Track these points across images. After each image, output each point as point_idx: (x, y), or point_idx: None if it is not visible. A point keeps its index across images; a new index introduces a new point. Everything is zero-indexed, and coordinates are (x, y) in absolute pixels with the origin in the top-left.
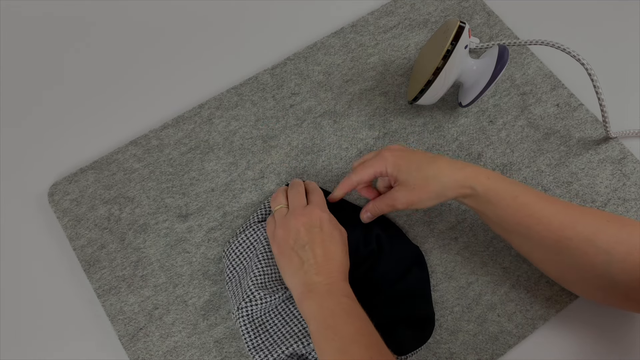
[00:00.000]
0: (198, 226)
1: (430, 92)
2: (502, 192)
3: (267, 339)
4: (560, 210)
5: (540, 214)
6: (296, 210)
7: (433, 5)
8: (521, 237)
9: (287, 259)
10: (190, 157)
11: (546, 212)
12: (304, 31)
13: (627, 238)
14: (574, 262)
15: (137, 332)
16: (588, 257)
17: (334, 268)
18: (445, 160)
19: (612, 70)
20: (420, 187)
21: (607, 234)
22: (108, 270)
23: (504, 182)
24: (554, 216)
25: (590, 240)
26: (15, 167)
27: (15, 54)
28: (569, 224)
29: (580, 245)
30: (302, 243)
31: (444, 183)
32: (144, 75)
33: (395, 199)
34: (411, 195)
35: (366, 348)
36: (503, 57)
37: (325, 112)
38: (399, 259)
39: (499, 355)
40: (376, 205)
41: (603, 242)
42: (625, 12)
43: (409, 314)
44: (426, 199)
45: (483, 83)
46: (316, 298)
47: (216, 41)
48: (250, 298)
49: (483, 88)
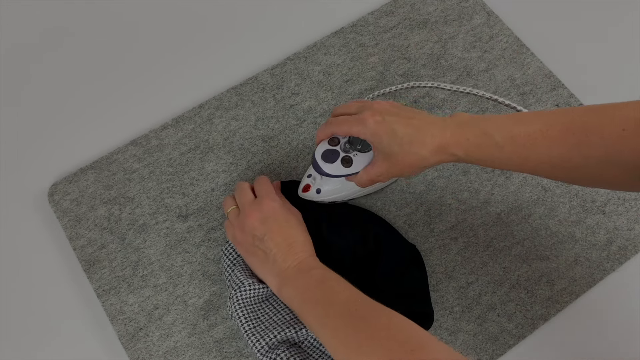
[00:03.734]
0: (198, 226)
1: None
2: (485, 149)
3: (258, 324)
4: (552, 139)
5: (537, 154)
6: (246, 207)
7: (433, 5)
8: (532, 171)
9: (252, 256)
10: (190, 157)
11: (541, 149)
12: (304, 31)
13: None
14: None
15: (137, 332)
16: (615, 144)
17: (299, 249)
18: (426, 125)
19: (612, 70)
20: (400, 160)
21: (608, 116)
22: (108, 270)
23: (485, 136)
24: (552, 146)
25: (600, 128)
26: (15, 167)
27: (15, 54)
28: (575, 132)
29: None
30: (260, 237)
31: (423, 155)
32: (144, 75)
33: (376, 174)
34: (391, 168)
35: (345, 304)
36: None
37: (325, 112)
38: (397, 258)
39: (499, 355)
40: (360, 181)
41: (614, 123)
42: (625, 12)
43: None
44: (407, 172)
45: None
46: (290, 282)
47: (216, 41)
48: (239, 285)
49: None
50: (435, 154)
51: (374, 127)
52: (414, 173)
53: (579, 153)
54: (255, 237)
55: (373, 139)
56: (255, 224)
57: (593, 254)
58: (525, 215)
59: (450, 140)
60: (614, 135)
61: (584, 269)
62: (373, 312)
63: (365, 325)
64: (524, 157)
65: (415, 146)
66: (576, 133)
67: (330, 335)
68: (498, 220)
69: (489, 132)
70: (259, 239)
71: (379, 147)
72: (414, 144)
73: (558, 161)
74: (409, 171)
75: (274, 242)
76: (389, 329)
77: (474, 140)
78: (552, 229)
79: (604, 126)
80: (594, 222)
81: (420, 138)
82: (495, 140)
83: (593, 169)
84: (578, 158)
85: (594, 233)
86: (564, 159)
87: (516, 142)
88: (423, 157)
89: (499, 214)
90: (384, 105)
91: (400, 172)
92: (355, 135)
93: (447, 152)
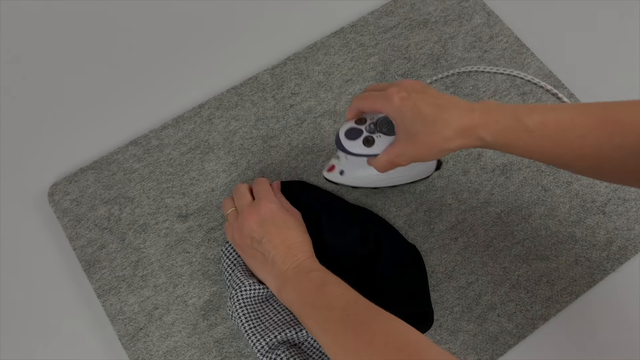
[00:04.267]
0: (198, 226)
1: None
2: (515, 133)
3: (258, 324)
4: (585, 127)
5: (568, 141)
6: (244, 209)
7: (433, 5)
8: (565, 164)
9: (251, 258)
10: (190, 157)
11: (574, 136)
12: (304, 31)
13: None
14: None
15: (137, 332)
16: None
17: (297, 250)
18: (453, 105)
19: (612, 70)
20: (421, 140)
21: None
22: (108, 270)
23: (515, 120)
24: (585, 134)
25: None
26: (15, 167)
27: (15, 54)
28: (603, 122)
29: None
30: (258, 239)
31: (446, 136)
32: (144, 75)
33: (396, 154)
34: (412, 149)
35: (343, 308)
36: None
37: (325, 112)
38: (397, 258)
39: (499, 355)
40: (379, 162)
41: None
42: (625, 12)
43: (407, 312)
44: (428, 153)
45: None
46: (289, 285)
47: (216, 41)
48: (240, 285)
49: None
50: (460, 135)
51: (399, 103)
52: (434, 156)
53: (611, 143)
54: (253, 239)
55: (396, 116)
56: (253, 227)
57: (593, 254)
58: (525, 215)
59: (479, 122)
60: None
61: (584, 269)
62: (372, 317)
63: (364, 329)
64: (555, 144)
65: (439, 125)
66: (610, 123)
67: (329, 340)
68: (498, 220)
69: (520, 116)
70: (257, 241)
71: (402, 124)
72: (438, 123)
73: (590, 150)
74: (429, 153)
75: (272, 245)
76: (387, 334)
77: (504, 123)
78: (552, 229)
79: (638, 118)
80: (594, 222)
81: (445, 117)
82: (526, 124)
83: (625, 160)
84: (610, 148)
85: (594, 233)
86: (596, 149)
87: (548, 128)
88: (446, 138)
89: (499, 214)
90: (411, 82)
91: (421, 154)
92: (379, 110)
93: (474, 134)
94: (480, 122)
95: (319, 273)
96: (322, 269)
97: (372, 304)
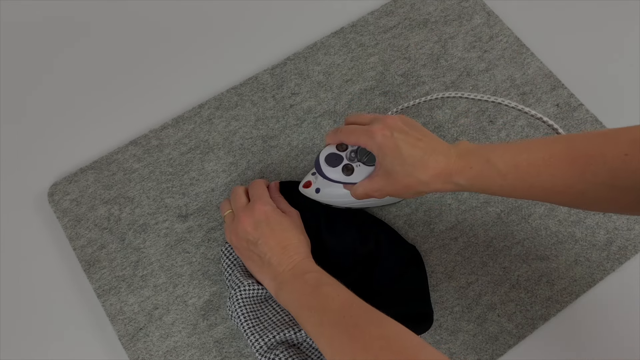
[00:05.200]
0: (198, 226)
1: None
2: (489, 177)
3: (257, 324)
4: (556, 167)
5: (541, 182)
6: (239, 212)
7: (433, 5)
8: (541, 199)
9: (248, 260)
10: (190, 157)
11: (545, 177)
12: (304, 31)
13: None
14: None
15: (137, 332)
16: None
17: (293, 251)
18: (432, 150)
19: (612, 70)
20: (399, 180)
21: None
22: (108, 270)
23: (488, 164)
24: (556, 174)
25: (605, 151)
26: (15, 167)
27: (15, 54)
28: (577, 158)
29: (606, 164)
30: (254, 241)
31: (423, 180)
32: (144, 75)
33: (373, 188)
34: (388, 185)
35: (339, 311)
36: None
37: (325, 112)
38: (397, 259)
39: (499, 355)
40: (356, 191)
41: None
42: (625, 12)
43: (407, 313)
44: (403, 193)
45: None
46: (286, 287)
47: (216, 41)
48: (239, 285)
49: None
50: (437, 180)
51: (381, 141)
52: (410, 196)
53: (583, 179)
54: (249, 241)
55: (378, 153)
56: (248, 229)
57: (593, 254)
58: (525, 215)
59: (454, 168)
60: (617, 160)
61: (584, 269)
62: (367, 320)
63: (360, 333)
64: (529, 185)
65: (417, 169)
66: (579, 160)
67: (326, 344)
68: (498, 220)
69: (492, 160)
70: (253, 243)
71: (383, 162)
72: (416, 167)
73: (562, 188)
74: (405, 192)
75: (267, 247)
76: (382, 338)
77: (477, 169)
78: (552, 229)
79: (607, 152)
80: (594, 222)
81: (423, 162)
82: (499, 168)
83: (598, 193)
84: (582, 184)
85: (594, 233)
86: (567, 185)
87: (519, 170)
88: (422, 182)
89: (499, 214)
90: (395, 120)
91: (397, 192)
92: (362, 146)
93: (450, 180)
94: (455, 168)
95: (314, 274)
96: (318, 270)
97: (368, 305)
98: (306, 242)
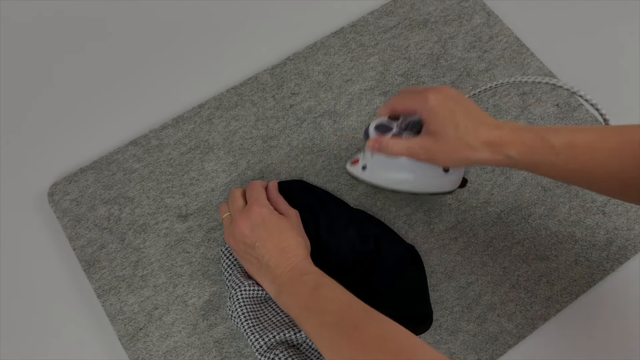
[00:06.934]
0: (198, 226)
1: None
2: (541, 153)
3: (257, 324)
4: (611, 149)
5: (595, 161)
6: (236, 215)
7: (433, 5)
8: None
9: (247, 262)
10: (190, 157)
11: (599, 156)
12: (304, 31)
13: None
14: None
15: (137, 332)
16: None
17: (291, 253)
18: (483, 118)
19: (613, 70)
20: (447, 142)
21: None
22: (108, 270)
23: (542, 140)
24: (611, 155)
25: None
26: (15, 167)
27: (15, 54)
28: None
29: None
30: (251, 244)
31: (473, 145)
32: (144, 75)
33: (418, 146)
34: (435, 148)
35: (337, 312)
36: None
37: (325, 112)
38: (397, 259)
39: (499, 355)
40: (393, 143)
41: None
42: (626, 11)
43: (407, 313)
44: (450, 157)
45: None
46: (285, 289)
47: (216, 41)
48: (239, 285)
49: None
50: (487, 148)
51: (434, 104)
52: (455, 162)
53: (634, 162)
54: (246, 244)
55: (429, 115)
56: (245, 232)
57: (593, 254)
58: (525, 215)
59: (507, 139)
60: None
61: (584, 269)
62: (366, 320)
63: (358, 334)
64: (582, 163)
65: (469, 134)
66: (633, 145)
67: (325, 346)
68: (498, 220)
69: (546, 137)
70: (250, 246)
71: (433, 123)
72: (468, 132)
73: (615, 170)
74: (451, 157)
75: (265, 249)
76: (381, 338)
77: (530, 143)
78: (552, 229)
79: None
80: (593, 222)
81: (475, 129)
82: (552, 144)
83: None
84: (633, 168)
85: (593, 233)
86: (621, 169)
87: (574, 148)
88: (472, 147)
89: (499, 214)
90: (450, 90)
91: (442, 154)
92: (414, 109)
93: (500, 151)
94: (508, 139)
95: (312, 276)
96: (316, 272)
97: (367, 306)
98: (304, 243)
